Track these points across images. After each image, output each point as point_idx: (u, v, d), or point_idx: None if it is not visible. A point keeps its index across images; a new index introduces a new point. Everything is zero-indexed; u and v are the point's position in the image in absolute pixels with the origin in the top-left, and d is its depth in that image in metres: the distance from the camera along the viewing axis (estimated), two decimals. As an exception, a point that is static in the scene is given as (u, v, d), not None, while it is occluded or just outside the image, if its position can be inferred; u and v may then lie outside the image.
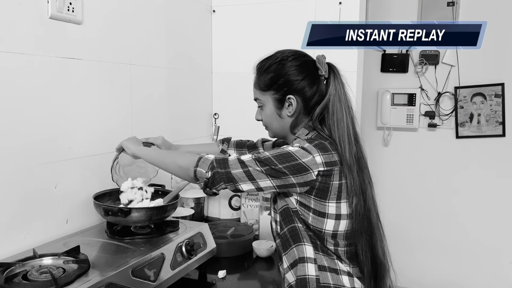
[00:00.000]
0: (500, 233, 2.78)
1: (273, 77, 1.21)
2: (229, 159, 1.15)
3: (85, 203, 1.49)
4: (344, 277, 1.18)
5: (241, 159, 1.14)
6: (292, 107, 1.21)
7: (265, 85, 1.23)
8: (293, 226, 1.19)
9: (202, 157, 1.17)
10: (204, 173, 1.15)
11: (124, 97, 1.69)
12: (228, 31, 2.24)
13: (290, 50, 1.25)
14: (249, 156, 1.15)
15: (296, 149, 1.14)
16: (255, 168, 1.13)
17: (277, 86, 1.21)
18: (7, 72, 1.23)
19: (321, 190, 1.15)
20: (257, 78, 1.26)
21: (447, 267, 2.92)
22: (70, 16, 1.40)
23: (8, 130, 1.24)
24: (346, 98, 1.22)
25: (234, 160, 1.15)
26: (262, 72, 1.24)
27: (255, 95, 1.27)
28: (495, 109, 2.71)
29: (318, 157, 1.13)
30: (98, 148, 1.57)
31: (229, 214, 2.05)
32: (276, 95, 1.22)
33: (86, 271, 1.09)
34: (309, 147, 1.14)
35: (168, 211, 1.43)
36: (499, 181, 2.75)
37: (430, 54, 2.80)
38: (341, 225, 1.17)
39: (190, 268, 1.36)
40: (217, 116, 2.30)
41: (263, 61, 1.26)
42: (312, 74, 1.21)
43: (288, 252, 1.21)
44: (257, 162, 1.13)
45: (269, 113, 1.25)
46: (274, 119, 1.25)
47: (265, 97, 1.24)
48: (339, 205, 1.17)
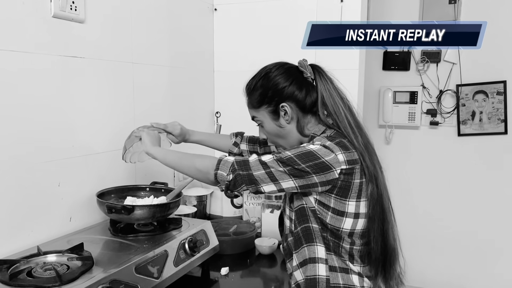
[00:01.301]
0: (503, 231, 2.78)
1: (261, 93, 1.24)
2: (249, 160, 1.15)
3: (88, 200, 1.50)
4: (354, 277, 1.20)
5: (263, 160, 1.14)
6: (288, 114, 1.22)
7: (257, 102, 1.25)
8: (306, 226, 1.19)
9: (222, 160, 1.17)
10: (225, 176, 1.14)
11: (126, 96, 1.69)
12: (230, 29, 2.24)
13: (272, 63, 1.28)
14: (270, 156, 1.14)
15: (318, 147, 1.13)
16: (277, 168, 1.12)
17: (268, 99, 1.23)
18: (10, 71, 1.24)
19: (342, 189, 1.15)
20: (249, 98, 1.28)
21: (450, 265, 2.92)
22: (73, 15, 1.41)
23: (12, 129, 1.25)
24: (337, 92, 1.24)
25: (255, 161, 1.14)
26: (251, 91, 1.26)
27: (251, 114, 1.29)
28: (497, 107, 2.71)
29: (341, 155, 1.13)
30: (101, 146, 1.57)
31: (232, 212, 2.06)
32: (269, 108, 1.23)
33: (90, 268, 1.10)
34: (331, 145, 1.14)
35: (171, 209, 1.44)
36: (502, 178, 2.75)
37: (431, 52, 2.80)
38: (359, 224, 1.18)
39: (193, 265, 1.37)
40: (219, 115, 2.30)
41: (250, 81, 1.29)
42: (297, 78, 1.23)
43: (299, 251, 1.21)
44: (279, 163, 1.12)
45: (270, 127, 1.26)
46: (277, 132, 1.26)
47: (261, 113, 1.25)
48: (359, 203, 1.17)
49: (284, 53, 2.10)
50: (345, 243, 1.18)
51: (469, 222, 2.85)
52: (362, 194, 1.17)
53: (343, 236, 1.18)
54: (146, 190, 1.61)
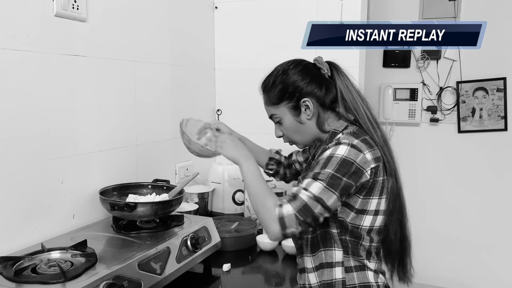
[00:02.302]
0: (502, 228, 2.79)
1: (281, 89, 1.24)
2: (306, 202, 1.08)
3: (91, 198, 1.51)
4: (369, 273, 1.21)
5: (316, 195, 1.08)
6: (310, 110, 1.23)
7: (277, 98, 1.25)
8: (326, 230, 1.19)
9: (284, 217, 1.07)
10: (295, 230, 1.08)
11: (128, 94, 1.71)
12: (230, 27, 2.25)
13: (288, 60, 1.28)
14: (318, 185, 1.09)
15: (347, 149, 1.13)
16: (329, 197, 1.09)
17: (289, 95, 1.23)
18: (13, 70, 1.25)
19: (368, 188, 1.16)
20: (267, 96, 1.28)
21: (449, 261, 2.93)
22: (75, 13, 1.42)
23: (15, 127, 1.26)
24: (354, 88, 1.25)
25: (311, 200, 1.08)
26: (270, 88, 1.26)
27: (270, 112, 1.29)
28: (497, 104, 2.72)
29: (368, 154, 1.14)
30: (104, 144, 1.59)
31: (233, 209, 2.07)
32: (290, 104, 1.24)
33: (94, 265, 1.11)
34: (359, 143, 1.14)
35: (173, 206, 1.45)
36: (502, 175, 2.76)
37: (431, 49, 2.81)
38: (377, 221, 1.19)
39: (195, 261, 1.38)
40: (220, 112, 2.31)
41: (266, 79, 1.29)
42: (316, 74, 1.24)
43: (316, 255, 1.22)
44: (328, 189, 1.09)
45: (289, 124, 1.26)
46: (297, 128, 1.26)
47: (281, 110, 1.25)
48: (380, 200, 1.18)
49: (284, 50, 2.12)
50: (365, 241, 1.19)
51: (469, 219, 2.86)
52: (383, 191, 1.19)
53: (363, 234, 1.19)
54: (148, 188, 1.63)
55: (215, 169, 2.11)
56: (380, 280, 1.23)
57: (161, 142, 1.91)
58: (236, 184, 2.06)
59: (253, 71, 2.20)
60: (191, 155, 1.37)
